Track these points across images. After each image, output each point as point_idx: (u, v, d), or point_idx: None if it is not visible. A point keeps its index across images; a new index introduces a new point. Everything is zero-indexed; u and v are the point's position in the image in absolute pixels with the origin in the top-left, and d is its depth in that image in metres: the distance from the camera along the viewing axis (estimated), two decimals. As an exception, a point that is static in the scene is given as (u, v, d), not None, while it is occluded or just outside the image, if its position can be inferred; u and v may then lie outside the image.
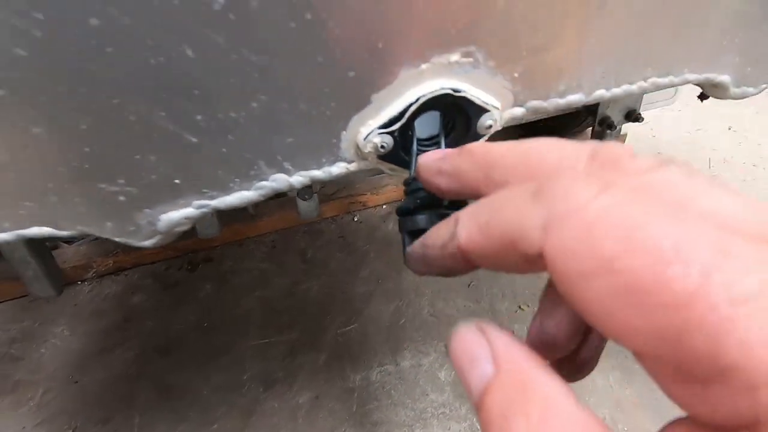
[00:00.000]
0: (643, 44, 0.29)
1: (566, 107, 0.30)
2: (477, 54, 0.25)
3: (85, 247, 1.26)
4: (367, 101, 0.25)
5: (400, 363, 1.03)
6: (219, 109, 0.23)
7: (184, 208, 0.26)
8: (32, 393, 0.97)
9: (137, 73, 0.20)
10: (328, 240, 1.37)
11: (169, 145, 0.23)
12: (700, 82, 0.32)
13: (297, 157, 0.26)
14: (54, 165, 0.22)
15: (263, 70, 0.22)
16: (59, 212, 0.24)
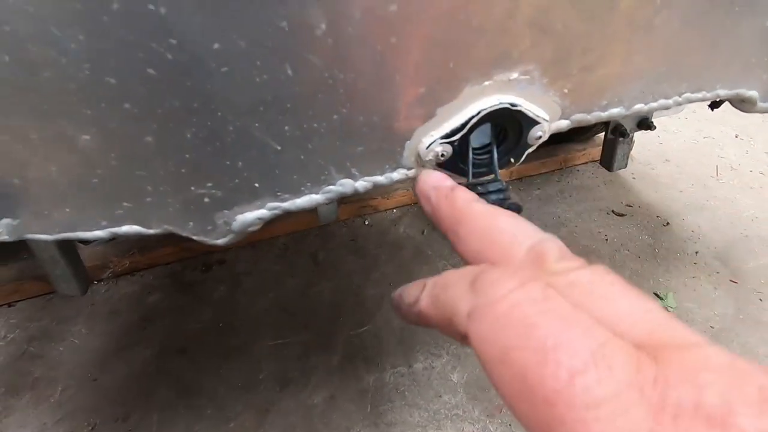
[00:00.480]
0: (680, 63, 0.31)
1: (607, 119, 0.32)
2: (534, 72, 0.27)
3: (101, 248, 1.28)
4: (432, 114, 0.28)
5: (413, 365, 1.05)
6: (304, 120, 0.25)
7: (258, 210, 0.28)
8: (52, 390, 0.98)
9: (244, 89, 0.22)
10: (339, 243, 1.39)
11: (256, 152, 0.25)
12: (730, 97, 0.35)
13: (364, 164, 0.28)
14: (157, 169, 0.24)
15: (348, 87, 0.24)
16: (152, 212, 0.26)
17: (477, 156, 0.31)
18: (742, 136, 1.91)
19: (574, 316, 0.13)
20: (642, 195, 1.56)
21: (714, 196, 1.55)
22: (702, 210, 1.49)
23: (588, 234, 1.38)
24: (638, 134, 1.89)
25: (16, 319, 1.14)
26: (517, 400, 0.13)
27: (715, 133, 1.95)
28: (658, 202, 1.53)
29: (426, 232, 1.41)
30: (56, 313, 1.15)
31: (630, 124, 1.02)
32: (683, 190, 1.59)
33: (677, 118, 2.05)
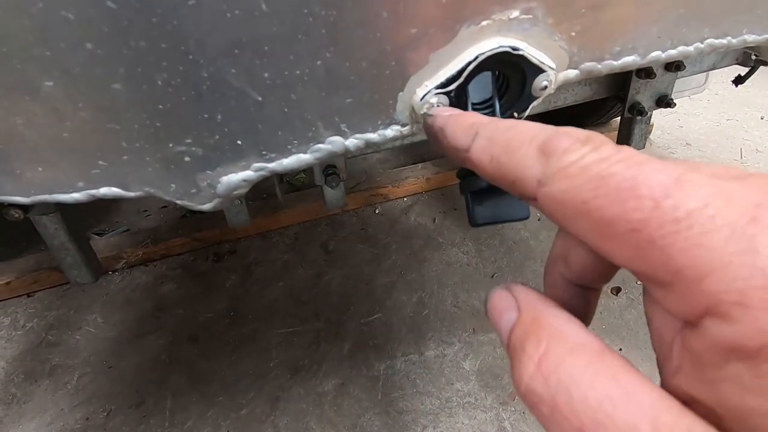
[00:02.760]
0: (702, 2, 0.28)
1: (620, 69, 0.29)
2: (537, 11, 0.25)
3: (116, 239, 1.30)
4: (425, 60, 0.25)
5: (425, 353, 1.03)
6: (285, 66, 0.23)
7: (243, 171, 0.27)
8: (69, 377, 1.00)
9: (214, 26, 0.21)
10: (349, 232, 1.38)
11: (235, 103, 0.24)
12: (760, 43, 0.31)
13: (354, 118, 0.27)
14: (130, 122, 0.22)
15: (331, 27, 0.22)
16: (130, 172, 0.25)
17: (477, 111, 0.29)
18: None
19: (648, 159, 0.14)
20: (663, 179, 1.50)
21: (740, 178, 1.47)
22: (727, 193, 1.42)
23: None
24: (657, 118, 1.82)
25: (34, 309, 1.16)
26: (601, 243, 0.14)
27: (739, 114, 1.86)
28: (680, 185, 1.47)
29: (437, 221, 1.39)
30: (73, 302, 1.17)
31: (648, 101, 0.97)
32: (705, 174, 1.52)
33: (699, 101, 1.97)
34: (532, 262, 1.22)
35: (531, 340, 0.15)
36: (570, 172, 0.15)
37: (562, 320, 0.15)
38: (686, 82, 1.29)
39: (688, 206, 0.12)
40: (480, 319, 1.09)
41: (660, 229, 0.12)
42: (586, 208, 0.14)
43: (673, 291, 0.13)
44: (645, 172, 0.13)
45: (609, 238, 0.13)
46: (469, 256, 1.26)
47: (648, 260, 0.13)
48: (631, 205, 0.13)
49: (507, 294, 0.17)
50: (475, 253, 1.27)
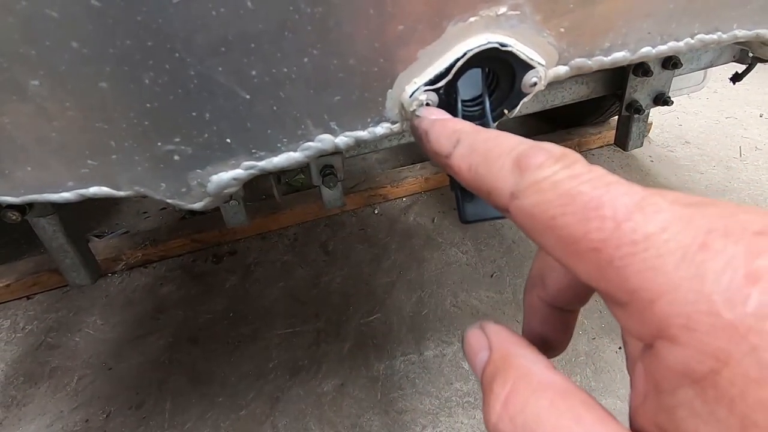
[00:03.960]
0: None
1: (611, 65, 0.29)
2: (524, 7, 0.25)
3: (115, 241, 1.30)
4: (413, 57, 0.25)
5: (424, 352, 1.03)
6: (273, 64, 0.23)
7: (233, 170, 0.27)
8: (68, 379, 1.00)
9: (200, 24, 0.21)
10: (349, 232, 1.38)
11: (223, 101, 0.24)
12: (749, 38, 0.31)
13: (343, 116, 0.27)
14: (118, 121, 0.23)
15: (318, 24, 0.22)
16: (119, 171, 0.25)
17: (468, 108, 0.29)
18: (767, 115, 1.82)
19: (616, 181, 0.14)
20: (660, 178, 1.50)
21: (737, 177, 1.47)
22: (725, 192, 1.42)
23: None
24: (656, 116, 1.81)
25: (34, 311, 1.17)
26: (567, 259, 0.14)
27: (738, 113, 1.85)
28: (678, 185, 1.47)
29: (436, 220, 1.39)
30: (72, 304, 1.18)
31: (645, 99, 0.97)
32: (704, 173, 1.52)
33: (697, 99, 1.96)
34: (531, 262, 1.22)
35: (499, 379, 0.15)
36: (541, 187, 0.15)
37: (529, 360, 0.16)
38: (685, 80, 1.28)
39: (646, 230, 0.13)
40: (479, 319, 1.09)
41: (618, 249, 0.13)
42: (554, 223, 0.14)
43: (630, 312, 0.13)
44: (611, 193, 0.14)
45: (574, 254, 0.14)
46: (469, 255, 1.26)
47: (607, 279, 0.13)
48: (594, 225, 0.13)
49: (480, 333, 0.18)
50: (474, 253, 1.27)
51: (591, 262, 0.13)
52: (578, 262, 0.14)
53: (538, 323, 0.22)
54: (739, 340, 0.11)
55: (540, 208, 0.15)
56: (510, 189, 0.16)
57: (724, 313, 0.11)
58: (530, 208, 0.15)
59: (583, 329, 1.05)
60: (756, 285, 0.11)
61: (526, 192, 0.15)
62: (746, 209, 0.13)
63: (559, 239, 0.14)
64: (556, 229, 0.14)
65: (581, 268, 0.14)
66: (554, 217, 0.14)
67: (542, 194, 0.15)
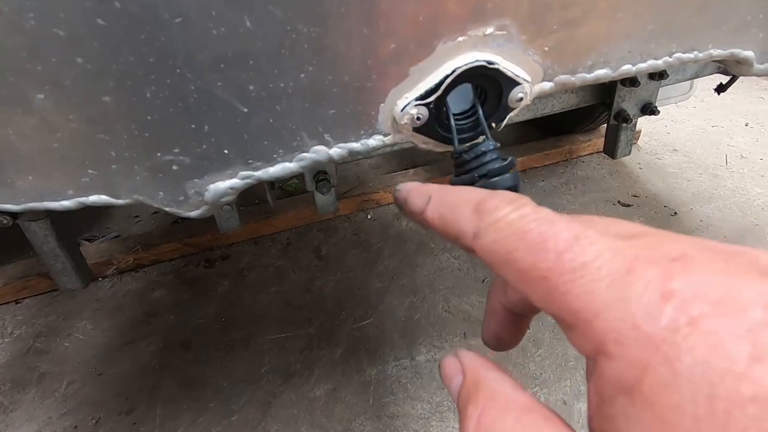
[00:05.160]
0: (669, 20, 0.29)
1: (593, 82, 0.31)
2: (510, 27, 0.26)
3: (106, 244, 1.30)
4: (405, 74, 0.27)
5: (416, 357, 1.04)
6: (270, 79, 0.24)
7: (230, 179, 0.28)
8: (57, 385, 0.99)
9: (201, 42, 0.22)
10: (342, 237, 1.38)
11: (221, 114, 0.25)
12: (725, 58, 0.33)
13: (337, 129, 0.28)
14: (119, 133, 0.23)
15: (313, 42, 0.23)
16: (120, 181, 0.25)
17: (459, 122, 0.30)
18: (752, 124, 1.87)
19: (558, 218, 0.16)
20: (649, 185, 1.53)
21: (723, 185, 1.51)
22: (711, 199, 1.45)
23: (594, 224, 1.35)
24: (645, 124, 1.85)
25: (22, 316, 1.15)
26: (522, 286, 0.16)
27: (724, 121, 1.90)
28: (666, 192, 1.50)
29: (429, 225, 1.40)
30: (62, 309, 1.17)
31: (633, 109, 1.00)
32: (691, 180, 1.55)
33: (685, 107, 2.01)
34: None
35: (471, 401, 0.17)
36: (498, 226, 0.17)
37: (497, 382, 0.17)
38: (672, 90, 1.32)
39: (583, 259, 0.15)
40: (471, 324, 1.10)
41: (561, 276, 0.15)
42: (510, 257, 0.16)
43: (575, 331, 0.15)
44: (553, 229, 0.16)
45: (527, 282, 0.16)
46: (461, 261, 1.27)
47: (555, 303, 0.15)
48: (540, 256, 0.15)
49: (455, 360, 0.20)
50: (466, 258, 1.28)
51: (541, 289, 0.15)
52: (531, 289, 0.16)
53: (496, 324, 0.25)
54: (656, 350, 0.12)
55: (498, 244, 0.17)
56: (473, 230, 0.18)
57: (644, 327, 0.13)
58: (490, 244, 0.17)
59: (573, 334, 1.06)
60: (669, 302, 0.12)
61: (486, 231, 0.18)
62: (673, 239, 0.15)
63: (514, 270, 0.16)
64: (512, 262, 0.16)
65: (534, 295, 0.16)
66: (510, 251, 0.16)
67: (499, 232, 0.17)
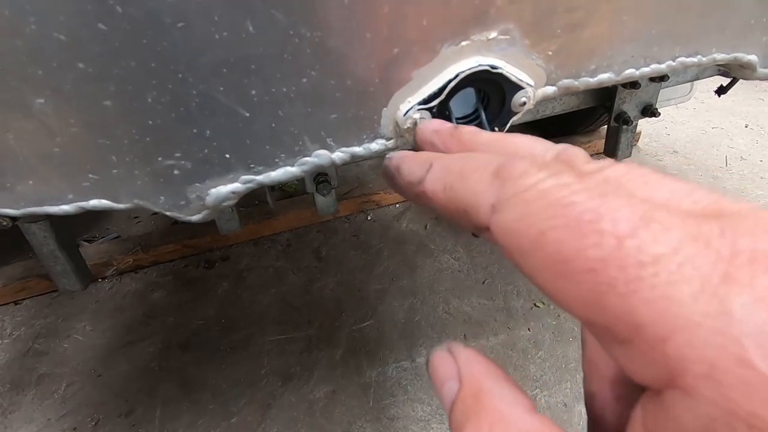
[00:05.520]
0: (672, 24, 0.29)
1: (597, 86, 0.30)
2: (514, 32, 0.26)
3: (105, 245, 1.29)
4: (408, 78, 0.26)
5: (416, 359, 1.04)
6: (272, 83, 0.24)
7: (231, 183, 0.28)
8: (56, 386, 0.99)
9: (203, 47, 0.21)
10: (341, 239, 1.38)
11: (223, 119, 0.24)
12: (728, 62, 0.33)
13: (339, 133, 0.27)
14: (120, 137, 0.23)
15: (316, 47, 0.23)
16: (120, 185, 0.25)
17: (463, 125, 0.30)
18: (752, 126, 1.87)
19: (613, 192, 0.12)
20: (650, 186, 1.53)
21: (723, 186, 1.51)
22: (712, 200, 1.45)
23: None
24: (645, 126, 1.85)
25: (21, 317, 1.15)
26: (553, 281, 0.12)
27: (724, 123, 1.90)
28: (667, 192, 1.50)
29: (429, 227, 1.40)
30: (61, 310, 1.16)
31: (633, 111, 1.00)
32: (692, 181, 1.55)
33: (685, 109, 2.01)
34: (523, 269, 1.23)
35: (471, 424, 0.13)
36: (527, 196, 0.13)
37: (505, 401, 0.13)
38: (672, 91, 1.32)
39: (655, 250, 0.10)
40: (471, 326, 1.10)
41: (621, 272, 0.10)
42: (542, 240, 0.12)
43: (632, 350, 0.11)
44: (610, 204, 0.11)
45: (563, 277, 0.12)
46: (461, 262, 1.27)
47: (605, 308, 0.11)
48: (591, 241, 0.11)
49: (449, 359, 0.15)
50: (466, 260, 1.28)
51: (585, 287, 0.11)
52: (570, 286, 0.11)
53: None
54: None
55: (525, 222, 0.13)
56: (490, 202, 0.14)
57: (759, 365, 0.09)
58: (513, 222, 0.13)
59: (573, 335, 1.06)
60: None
61: (510, 203, 0.13)
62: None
63: (546, 258, 0.12)
64: (544, 246, 0.12)
65: (573, 294, 0.11)
66: (542, 231, 0.12)
67: (527, 205, 0.13)
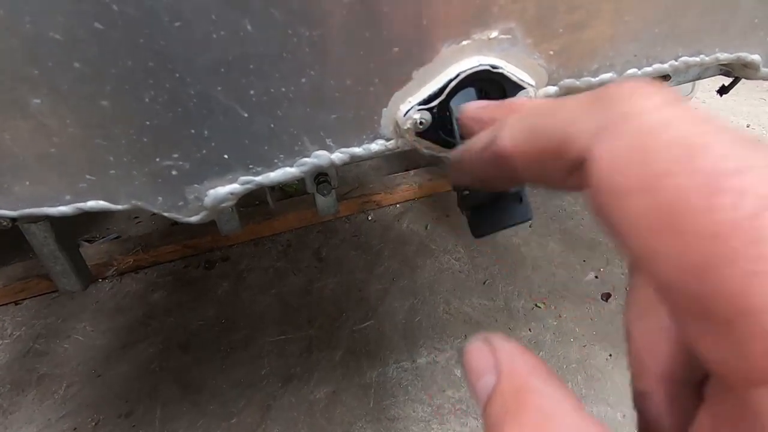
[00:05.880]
0: (675, 23, 0.29)
1: (599, 86, 0.30)
2: (515, 31, 0.26)
3: (106, 246, 1.29)
4: (408, 78, 0.26)
5: (417, 360, 1.03)
6: (271, 83, 0.24)
7: (230, 184, 0.27)
8: (56, 387, 0.99)
9: (201, 47, 0.21)
10: (342, 239, 1.38)
11: (222, 119, 0.24)
12: (731, 61, 0.33)
13: (339, 133, 0.27)
14: (117, 138, 0.23)
15: (315, 46, 0.23)
16: (117, 186, 0.25)
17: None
18: (754, 126, 1.86)
19: (754, 141, 0.10)
20: (651, 186, 1.53)
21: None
22: (714, 200, 1.44)
23: (595, 226, 1.35)
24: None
25: (22, 317, 1.15)
26: (653, 236, 0.10)
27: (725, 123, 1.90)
28: (669, 192, 1.50)
29: (429, 227, 1.39)
30: (62, 310, 1.16)
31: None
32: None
33: (687, 108, 2.01)
34: (524, 269, 1.23)
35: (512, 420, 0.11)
36: (643, 123, 0.10)
37: (552, 400, 0.12)
38: (673, 92, 1.31)
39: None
40: (472, 326, 1.10)
41: (750, 247, 0.09)
42: (656, 183, 0.10)
43: (727, 334, 0.09)
44: (752, 158, 0.09)
45: (671, 234, 0.09)
46: (462, 262, 1.27)
47: (712, 281, 0.09)
48: (726, 201, 0.09)
49: (486, 351, 0.14)
50: (467, 260, 1.27)
51: (697, 251, 0.09)
52: (674, 245, 0.09)
53: None
54: None
55: (638, 156, 0.10)
56: (591, 127, 0.11)
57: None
58: (623, 150, 0.10)
59: (575, 336, 1.06)
60: None
61: (618, 127, 0.11)
62: None
63: (654, 207, 0.10)
64: (657, 192, 0.10)
65: (674, 255, 0.09)
66: (660, 173, 0.10)
67: (643, 136, 0.10)
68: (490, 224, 0.29)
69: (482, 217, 0.29)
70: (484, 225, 0.29)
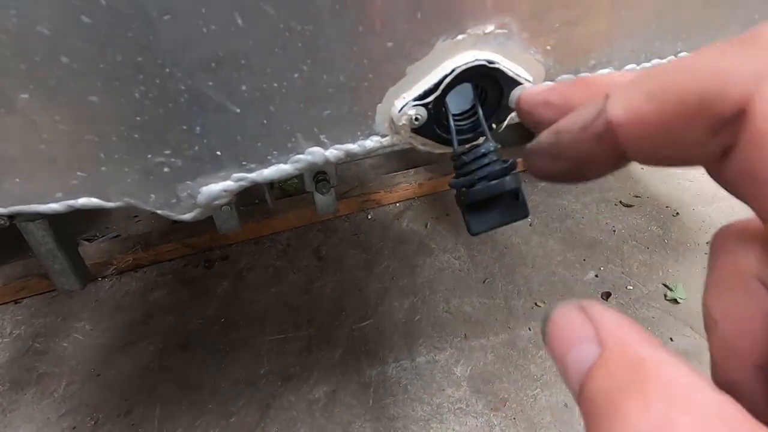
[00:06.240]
0: (674, 18, 0.29)
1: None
2: (511, 25, 0.26)
3: (105, 244, 1.29)
4: (402, 73, 0.26)
5: (416, 359, 1.03)
6: (263, 79, 0.23)
7: (223, 181, 0.27)
8: (55, 385, 0.99)
9: (190, 41, 0.21)
10: (342, 238, 1.38)
11: (213, 115, 0.24)
12: (731, 57, 0.32)
13: (333, 130, 0.27)
14: (108, 134, 0.23)
15: (307, 41, 0.23)
16: (109, 183, 0.25)
17: (458, 123, 0.29)
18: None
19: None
20: (650, 185, 1.52)
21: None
22: (713, 200, 1.44)
23: (595, 225, 1.34)
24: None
25: (21, 316, 1.15)
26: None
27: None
28: (668, 192, 1.49)
29: (429, 226, 1.39)
30: (61, 309, 1.16)
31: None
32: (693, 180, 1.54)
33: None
34: (524, 268, 1.23)
35: (634, 396, 0.09)
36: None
37: (679, 372, 0.10)
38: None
39: None
40: (471, 325, 1.09)
41: None
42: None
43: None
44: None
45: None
46: (461, 261, 1.27)
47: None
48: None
49: (580, 316, 0.12)
50: (467, 259, 1.27)
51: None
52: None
53: None
54: None
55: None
56: (750, 71, 0.10)
57: None
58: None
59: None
60: None
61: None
62: None
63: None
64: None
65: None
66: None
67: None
68: (486, 222, 0.29)
69: (479, 215, 0.29)
70: (481, 222, 0.29)
